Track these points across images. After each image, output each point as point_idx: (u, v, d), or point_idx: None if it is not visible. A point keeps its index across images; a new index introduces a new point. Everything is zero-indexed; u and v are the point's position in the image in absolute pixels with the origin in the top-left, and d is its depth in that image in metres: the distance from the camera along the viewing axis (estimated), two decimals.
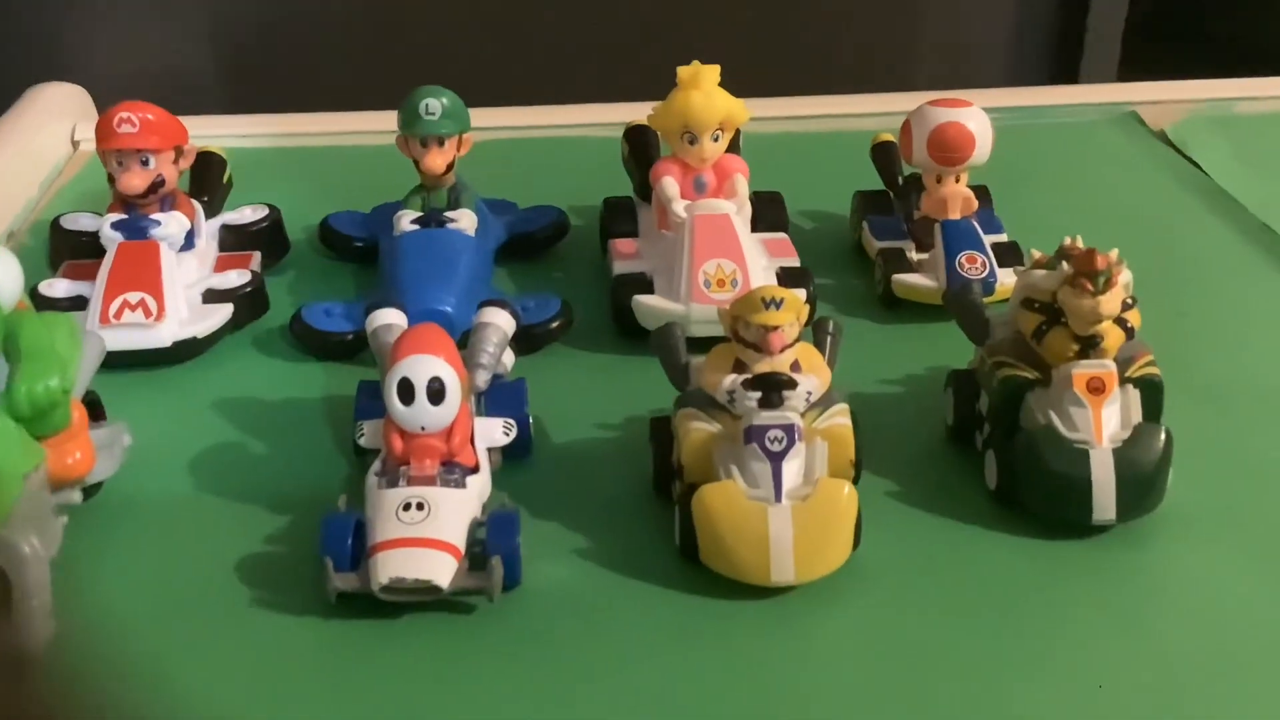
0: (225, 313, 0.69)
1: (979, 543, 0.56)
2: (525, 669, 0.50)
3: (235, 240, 0.75)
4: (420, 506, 0.52)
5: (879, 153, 0.78)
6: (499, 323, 0.61)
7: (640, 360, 0.63)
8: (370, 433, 0.57)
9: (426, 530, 0.51)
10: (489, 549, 0.52)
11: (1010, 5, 1.42)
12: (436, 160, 0.71)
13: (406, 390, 0.54)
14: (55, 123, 0.93)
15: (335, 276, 0.76)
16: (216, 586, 0.54)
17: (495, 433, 0.58)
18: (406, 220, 0.72)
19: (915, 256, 0.73)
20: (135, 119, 0.69)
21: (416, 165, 0.72)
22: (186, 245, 0.71)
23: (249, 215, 0.76)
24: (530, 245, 0.77)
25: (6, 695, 0.47)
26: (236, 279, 0.71)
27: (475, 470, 0.55)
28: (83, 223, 0.74)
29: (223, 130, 0.89)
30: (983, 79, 1.35)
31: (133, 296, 0.67)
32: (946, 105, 0.72)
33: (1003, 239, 0.73)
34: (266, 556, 0.55)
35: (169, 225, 0.70)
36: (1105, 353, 0.56)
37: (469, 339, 0.60)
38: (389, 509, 0.52)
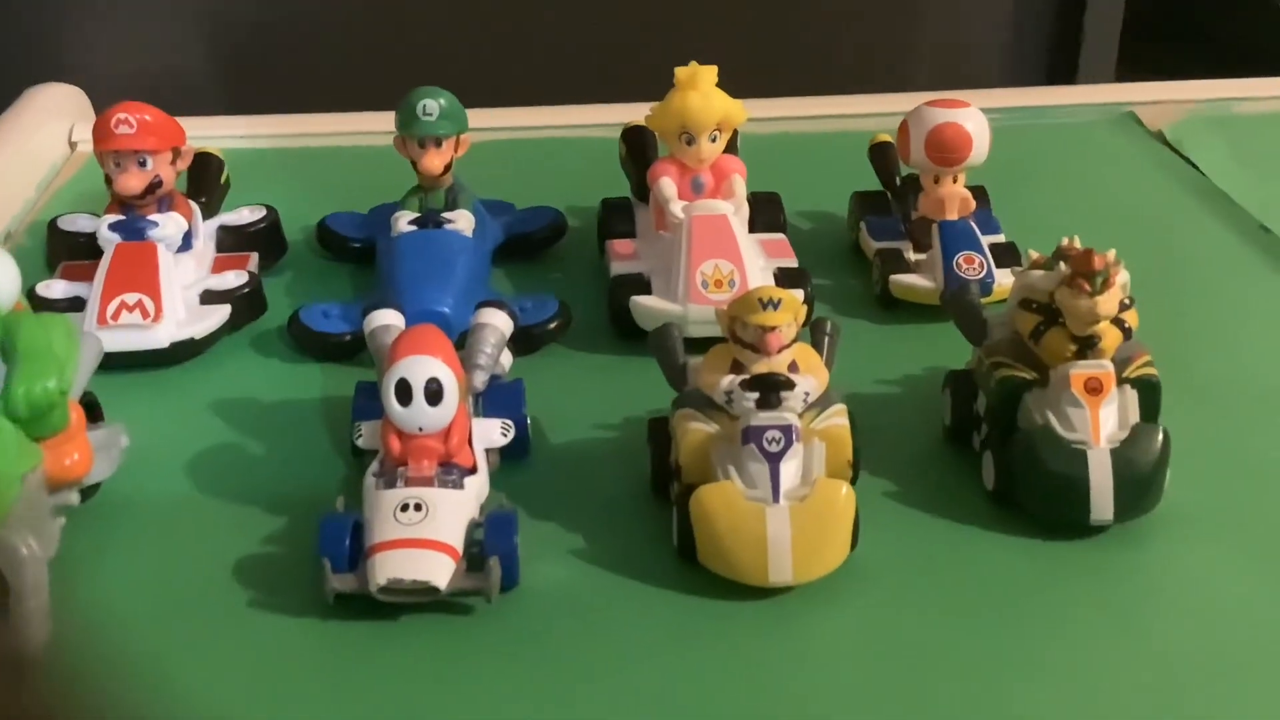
0: (223, 314, 0.69)
1: (977, 543, 0.56)
2: (523, 669, 0.50)
3: (233, 241, 0.75)
4: (418, 507, 0.52)
5: (877, 153, 0.78)
6: (497, 323, 0.61)
7: (638, 361, 0.63)
8: (368, 433, 0.57)
9: (424, 531, 0.51)
10: (487, 550, 0.52)
11: (1008, 6, 1.42)
12: (434, 161, 0.71)
13: (404, 391, 0.54)
14: (52, 123, 0.93)
15: (333, 277, 0.76)
16: (214, 587, 0.54)
17: (493, 433, 0.58)
18: (404, 221, 0.72)
19: (913, 257, 0.73)
20: (133, 120, 0.69)
21: (414, 166, 0.72)
22: (184, 246, 0.71)
23: (246, 216, 0.76)
24: (528, 246, 0.77)
25: (5, 696, 0.47)
26: (234, 280, 0.71)
27: (473, 471, 0.55)
28: (80, 224, 0.74)
29: (220, 131, 0.89)
30: (980, 80, 1.34)
31: (130, 298, 0.67)
32: (944, 106, 0.72)
33: (1000, 239, 0.73)
34: (264, 557, 0.55)
35: (166, 226, 0.70)
36: (1103, 353, 0.56)
37: (467, 340, 0.60)
38: (387, 510, 0.52)
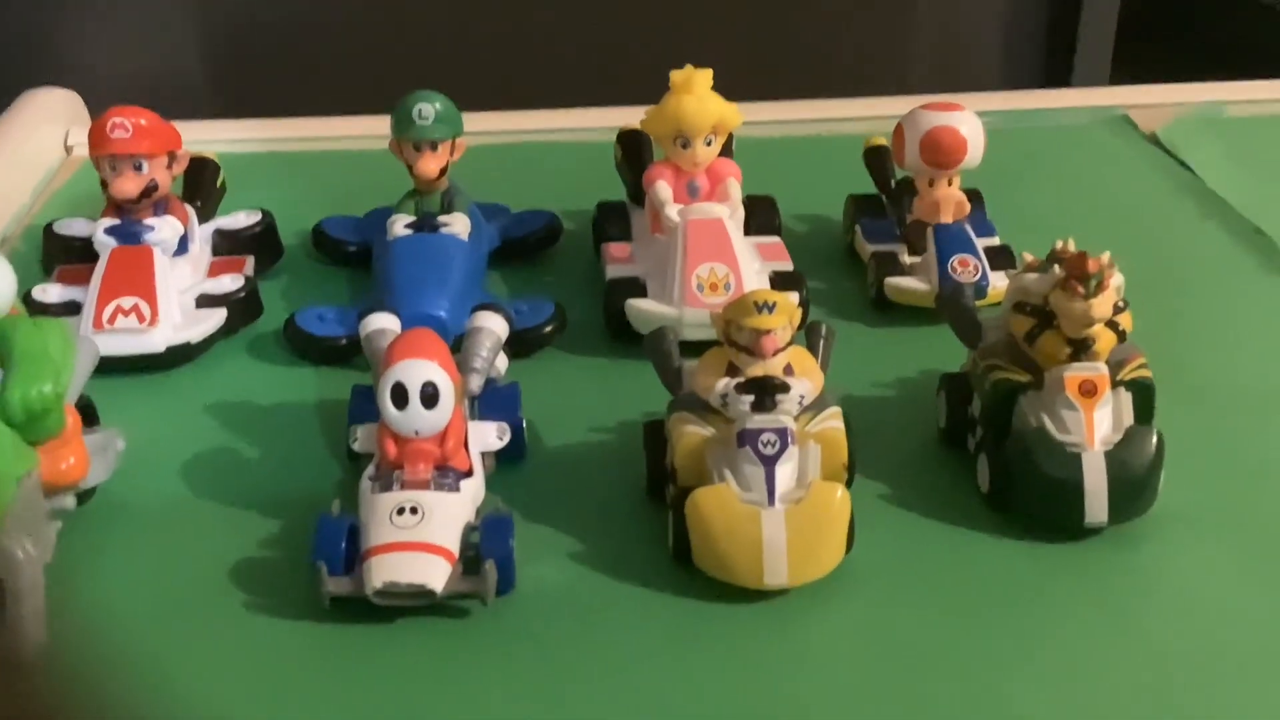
0: (218, 318, 0.69)
1: (972, 545, 0.56)
2: (519, 672, 0.50)
3: (228, 245, 0.75)
4: (414, 511, 0.52)
5: (872, 156, 0.78)
6: (492, 327, 0.61)
7: (633, 364, 0.63)
8: (364, 437, 0.57)
9: (420, 534, 0.51)
10: (483, 553, 0.52)
11: (1002, 9, 1.42)
12: (429, 165, 0.72)
13: (400, 395, 0.54)
14: (48, 128, 0.93)
15: (328, 281, 0.76)
16: (211, 591, 0.54)
17: (489, 437, 0.58)
18: (400, 225, 0.72)
19: (908, 260, 0.73)
20: (128, 124, 0.69)
21: (409, 170, 0.72)
22: (180, 250, 0.71)
23: (242, 220, 0.76)
24: (523, 249, 0.77)
25: (3, 698, 0.47)
26: (230, 284, 0.71)
27: (469, 474, 0.55)
28: (76, 228, 0.74)
29: (216, 135, 0.89)
30: (975, 83, 1.34)
31: (126, 302, 0.67)
32: (938, 109, 0.72)
33: (995, 242, 0.73)
34: (261, 561, 0.55)
35: (162, 230, 0.70)
36: (1097, 355, 0.57)
37: (462, 343, 0.61)
38: (383, 513, 0.52)
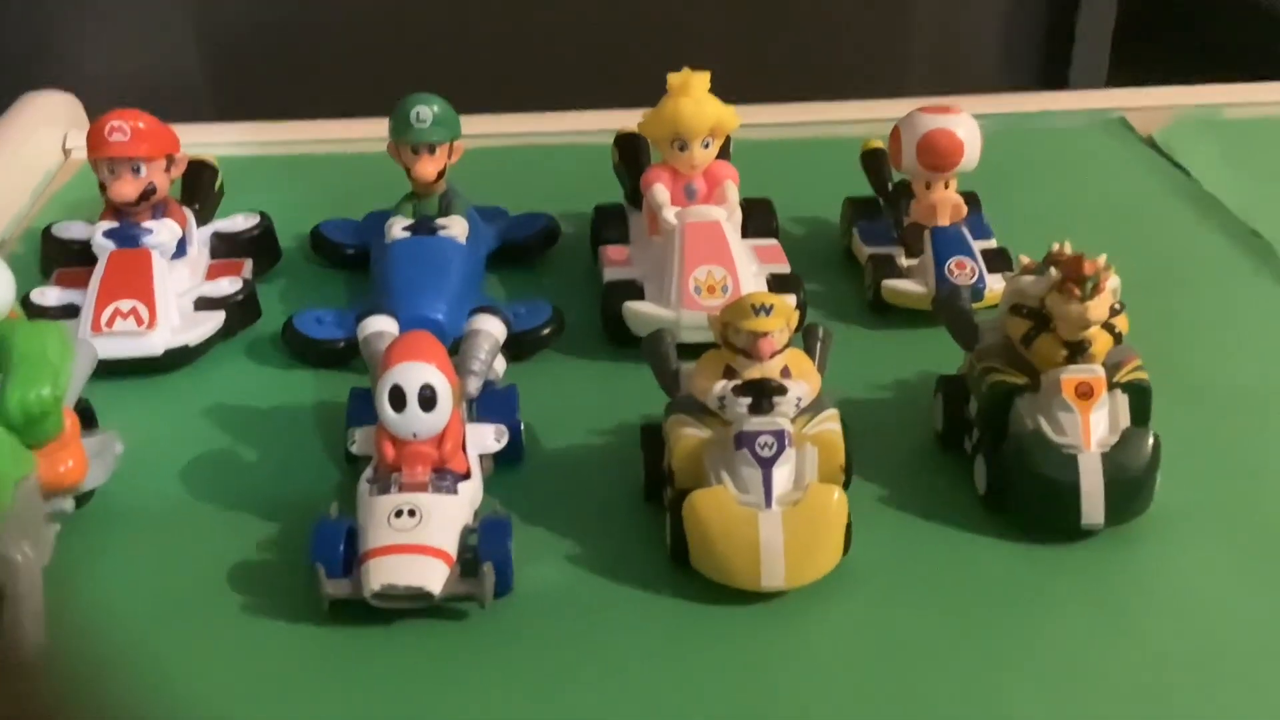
0: (217, 320, 0.69)
1: (969, 547, 0.56)
2: (517, 674, 0.50)
3: (227, 248, 0.75)
4: (412, 513, 0.52)
5: (869, 159, 0.78)
6: (490, 329, 0.61)
7: (631, 366, 0.63)
8: (362, 440, 0.58)
9: (418, 537, 0.52)
10: (481, 555, 0.52)
11: (999, 12, 1.43)
12: (427, 167, 0.72)
13: (398, 397, 0.54)
14: (46, 131, 0.93)
15: (326, 284, 0.76)
16: (209, 593, 0.54)
17: (487, 439, 0.58)
18: (398, 227, 0.72)
19: (905, 262, 0.73)
20: (126, 127, 0.69)
21: (407, 173, 0.72)
22: (178, 253, 0.71)
23: (240, 223, 0.76)
24: (521, 252, 0.77)
25: (2, 701, 0.47)
26: (228, 287, 0.71)
27: (467, 477, 0.55)
28: (74, 231, 0.74)
29: (214, 138, 0.89)
30: (972, 85, 1.34)
31: (124, 305, 0.67)
32: (935, 112, 0.72)
33: (992, 245, 0.74)
34: (259, 563, 0.55)
35: (160, 233, 0.70)
36: (1093, 358, 0.57)
37: (460, 346, 0.61)
38: (381, 516, 0.52)
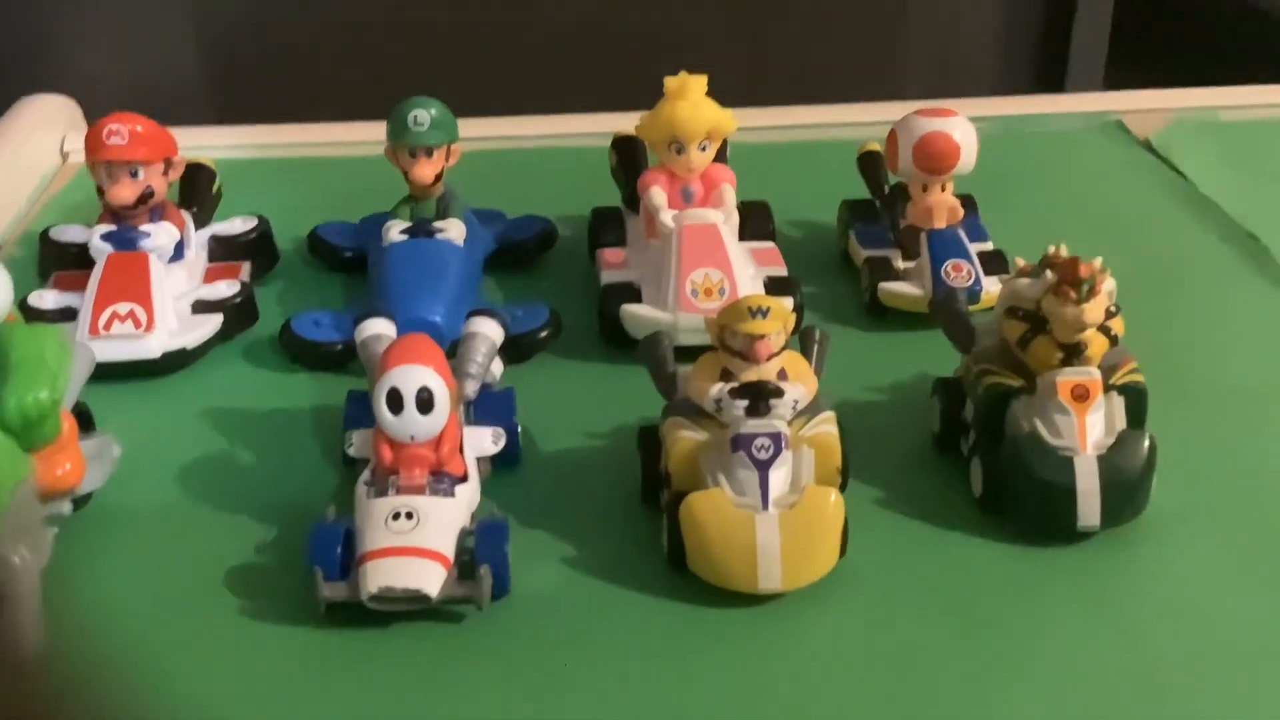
0: (214, 323, 0.69)
1: (965, 549, 0.56)
2: (515, 677, 0.50)
3: (224, 251, 0.75)
4: (409, 516, 0.52)
5: (865, 162, 0.78)
6: (487, 332, 0.61)
7: (628, 369, 0.63)
8: (359, 442, 0.58)
9: (415, 539, 0.52)
10: (478, 558, 0.52)
11: (996, 15, 1.43)
12: (425, 170, 0.72)
13: (395, 400, 0.54)
14: (44, 134, 0.93)
15: (324, 287, 0.76)
16: (207, 596, 0.54)
17: (484, 442, 0.58)
18: (395, 230, 0.72)
19: (901, 265, 0.73)
20: (124, 131, 0.69)
21: (405, 176, 0.72)
22: (176, 256, 0.71)
23: (238, 226, 0.76)
24: (518, 255, 0.78)
25: (0, 703, 0.47)
26: (226, 290, 0.71)
27: (464, 479, 0.55)
28: (72, 234, 0.75)
29: (212, 141, 0.89)
30: (969, 88, 1.35)
31: (122, 308, 0.67)
32: (932, 115, 0.72)
33: (988, 247, 0.74)
34: (256, 566, 0.55)
35: (158, 236, 0.70)
36: (1089, 360, 0.57)
37: (458, 348, 0.61)
38: (378, 518, 0.52)
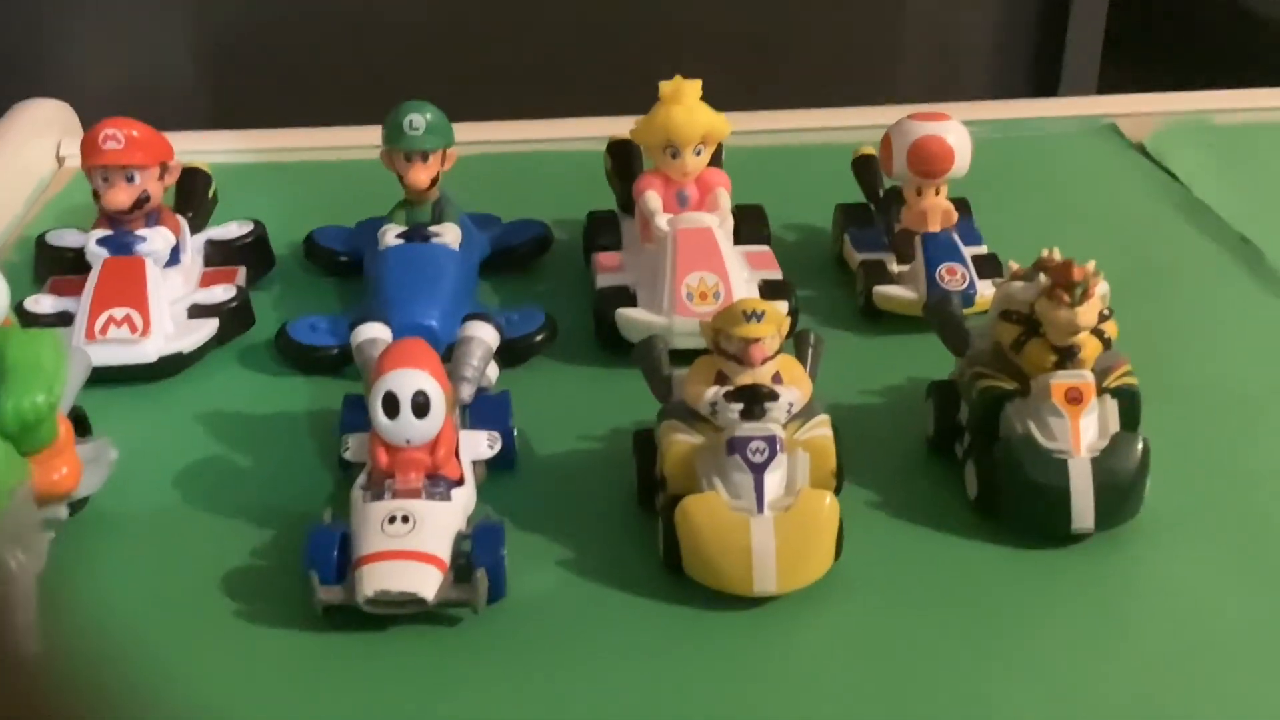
0: (210, 328, 0.69)
1: (960, 551, 0.56)
2: (511, 680, 0.50)
3: (220, 255, 0.75)
4: (405, 519, 0.52)
5: (860, 166, 0.79)
6: (483, 336, 0.61)
7: (623, 373, 0.63)
8: (355, 446, 0.58)
9: (411, 543, 0.52)
10: (474, 561, 0.52)
11: (990, 19, 1.43)
12: (420, 175, 0.72)
13: (391, 404, 0.54)
14: (40, 139, 0.93)
15: (320, 291, 0.76)
16: (203, 600, 0.54)
17: (480, 445, 0.58)
18: (391, 235, 0.72)
19: (896, 269, 0.73)
20: (120, 135, 0.69)
21: (400, 180, 0.73)
22: (172, 261, 0.72)
23: (234, 230, 0.76)
24: (514, 259, 0.78)
25: None
26: (222, 294, 0.71)
27: (460, 483, 0.55)
28: (68, 239, 0.75)
29: (208, 146, 0.89)
30: (963, 92, 1.35)
31: (118, 312, 0.67)
32: (926, 119, 0.73)
33: (982, 251, 0.74)
34: (253, 570, 0.55)
35: (154, 241, 0.70)
36: (1083, 363, 0.57)
37: (453, 352, 0.61)
38: (374, 522, 0.52)
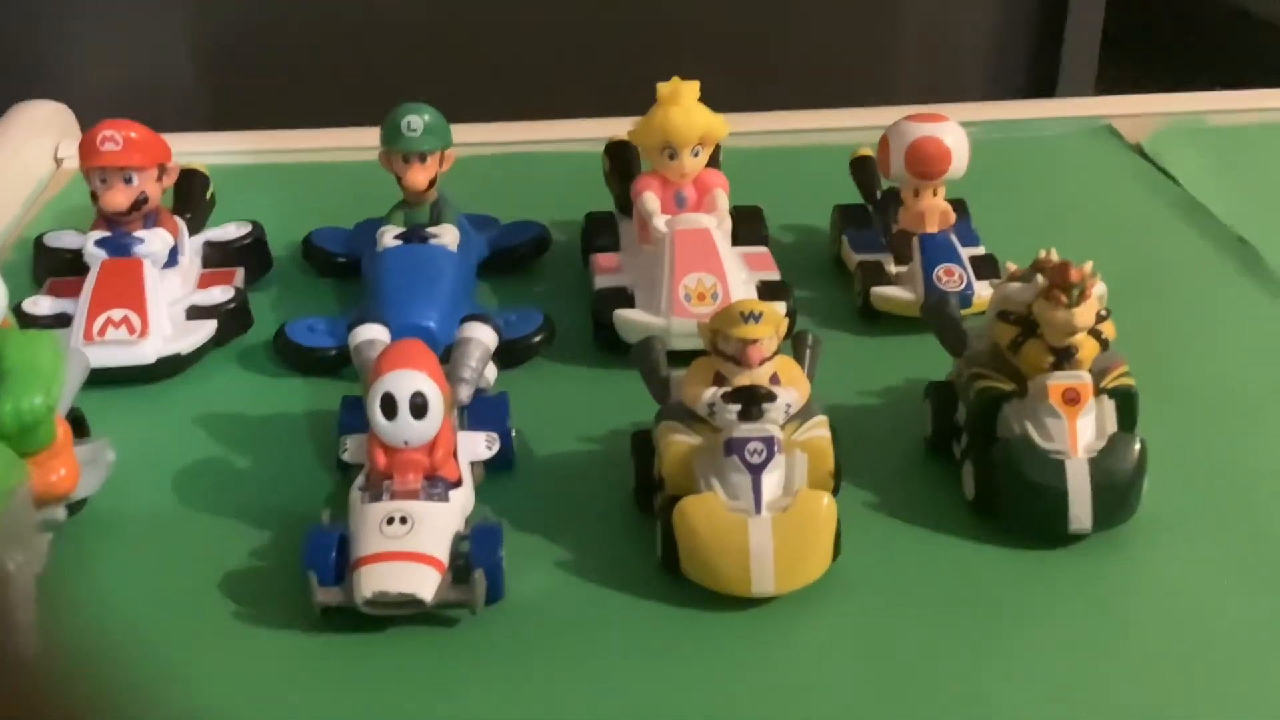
0: (209, 329, 0.69)
1: (958, 552, 0.56)
2: (509, 681, 0.50)
3: (218, 257, 0.75)
4: (403, 520, 0.52)
5: (858, 167, 0.79)
6: (481, 337, 0.61)
7: (621, 374, 0.63)
8: (354, 447, 0.58)
9: (410, 544, 0.52)
10: (472, 562, 0.52)
11: (987, 20, 1.43)
12: (418, 176, 0.72)
13: (389, 405, 0.54)
14: (38, 140, 0.93)
15: (318, 292, 0.76)
16: (202, 601, 0.54)
17: (478, 447, 0.58)
18: (389, 236, 0.72)
19: (894, 269, 0.73)
20: (118, 137, 0.69)
21: (399, 181, 0.73)
22: (170, 262, 0.72)
23: (232, 232, 0.76)
24: (512, 260, 0.78)
25: None
26: (220, 295, 0.71)
27: (458, 484, 0.55)
28: (66, 240, 0.75)
29: (206, 147, 0.89)
30: (960, 94, 1.35)
31: (116, 314, 0.67)
32: (923, 120, 0.73)
33: (980, 252, 0.74)
34: (251, 571, 0.56)
35: (152, 242, 0.70)
36: (1080, 364, 0.57)
37: (451, 354, 0.61)
38: (372, 523, 0.52)
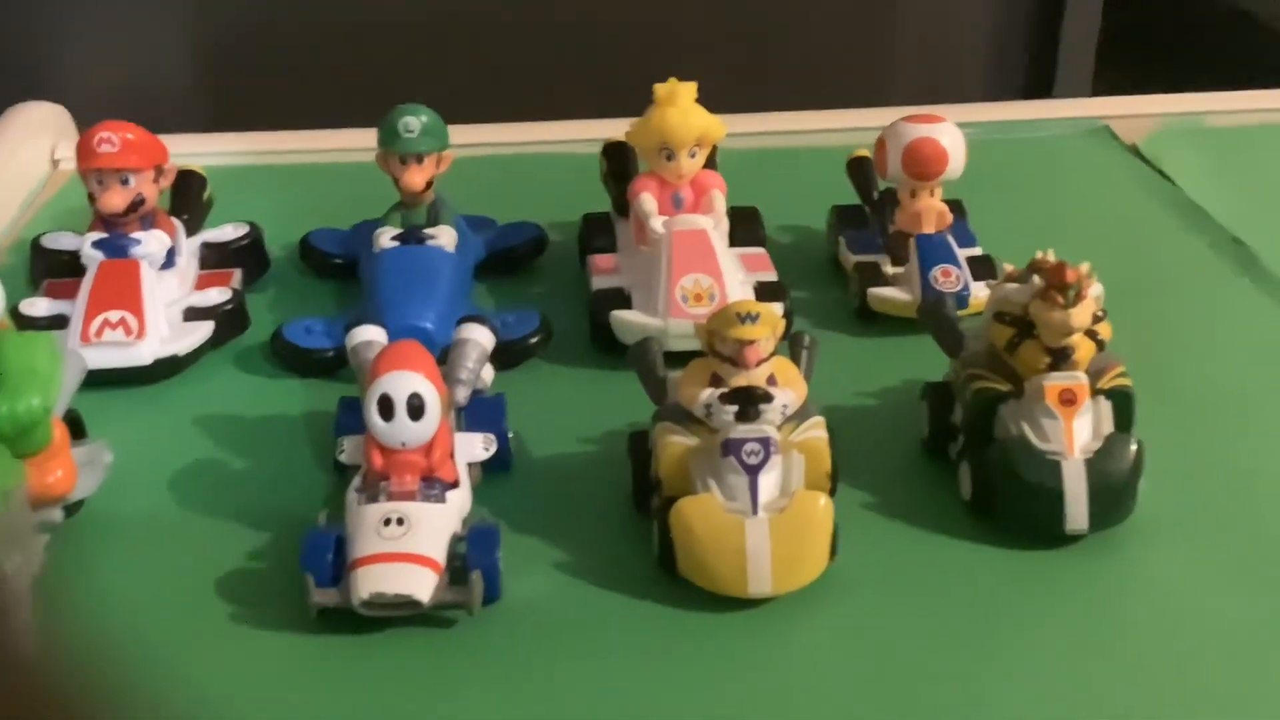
0: (206, 330, 0.69)
1: (954, 552, 0.56)
2: (506, 682, 0.50)
3: (216, 258, 0.75)
4: (400, 522, 0.52)
5: (855, 168, 0.79)
6: (478, 338, 0.61)
7: (618, 375, 0.63)
8: (351, 449, 0.58)
9: (406, 545, 0.52)
10: (469, 563, 0.52)
11: (984, 21, 1.43)
12: (416, 177, 0.72)
13: (386, 406, 0.54)
14: (35, 142, 0.93)
15: (315, 294, 0.76)
16: (198, 603, 0.54)
17: (475, 448, 0.58)
18: (386, 237, 0.72)
19: (890, 270, 0.73)
20: (115, 138, 0.69)
21: (396, 182, 0.73)
22: (167, 263, 0.72)
23: (229, 233, 0.76)
24: (509, 261, 0.78)
25: None
26: (217, 296, 0.71)
27: (455, 485, 0.55)
28: (63, 242, 0.75)
29: (203, 148, 0.89)
30: (957, 94, 1.35)
31: (113, 315, 0.67)
32: (920, 121, 0.73)
33: (977, 253, 0.74)
34: (248, 573, 0.56)
35: (149, 244, 0.70)
36: (1077, 365, 0.57)
37: (448, 355, 0.61)
38: (369, 524, 0.52)
